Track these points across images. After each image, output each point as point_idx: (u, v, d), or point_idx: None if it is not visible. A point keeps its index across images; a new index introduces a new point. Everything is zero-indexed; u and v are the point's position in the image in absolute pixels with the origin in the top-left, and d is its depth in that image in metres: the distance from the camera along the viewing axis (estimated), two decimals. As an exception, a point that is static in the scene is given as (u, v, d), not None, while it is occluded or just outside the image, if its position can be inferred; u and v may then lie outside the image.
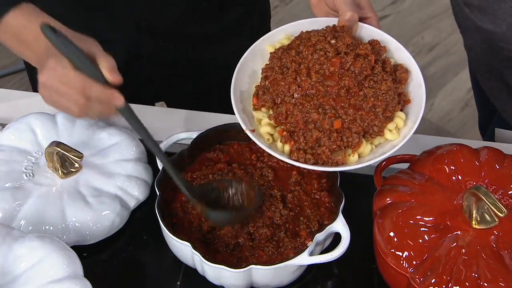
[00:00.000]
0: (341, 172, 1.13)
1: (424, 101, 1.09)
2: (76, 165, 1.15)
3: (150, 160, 1.21)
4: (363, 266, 1.13)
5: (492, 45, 1.26)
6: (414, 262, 0.99)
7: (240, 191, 1.10)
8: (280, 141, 1.08)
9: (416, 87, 1.11)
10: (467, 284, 0.96)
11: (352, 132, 1.05)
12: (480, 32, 1.26)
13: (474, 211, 1.00)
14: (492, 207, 0.97)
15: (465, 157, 1.08)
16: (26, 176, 1.15)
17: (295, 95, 1.07)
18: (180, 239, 1.05)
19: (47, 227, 1.10)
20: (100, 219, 1.12)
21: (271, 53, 1.14)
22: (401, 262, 1.00)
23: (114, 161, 1.18)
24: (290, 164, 1.06)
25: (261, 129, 1.10)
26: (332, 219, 1.08)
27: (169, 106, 1.61)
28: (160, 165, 1.15)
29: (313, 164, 1.05)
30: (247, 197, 1.10)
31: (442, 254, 0.98)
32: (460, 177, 1.07)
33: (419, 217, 1.02)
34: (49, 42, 1.01)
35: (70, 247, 1.03)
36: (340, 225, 1.06)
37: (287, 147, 1.07)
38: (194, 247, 1.04)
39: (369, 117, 1.06)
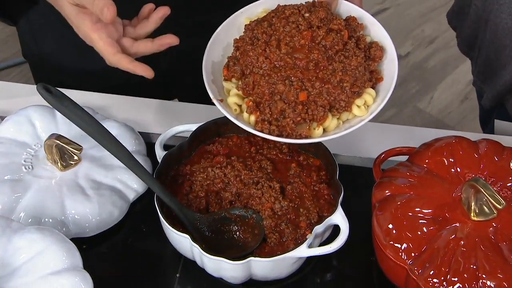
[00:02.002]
0: (340, 164, 1.13)
1: (395, 79, 1.08)
2: (75, 157, 1.15)
3: (149, 152, 1.22)
4: (362, 258, 1.13)
5: None
6: (413, 254, 1.00)
7: (243, 229, 1.10)
8: (246, 112, 1.08)
9: (390, 65, 1.11)
10: (465, 275, 0.96)
11: (318, 105, 1.05)
12: None
13: (472, 203, 1.00)
14: (491, 199, 0.97)
15: (464, 149, 1.08)
16: (25, 168, 1.15)
17: (263, 66, 1.07)
18: (179, 231, 1.05)
19: (46, 220, 1.10)
20: (100, 211, 1.12)
21: (245, 25, 1.14)
22: (400, 254, 1.00)
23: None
24: (256, 135, 1.06)
25: (229, 99, 1.10)
26: (331, 211, 1.08)
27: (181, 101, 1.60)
28: (159, 157, 1.15)
29: (277, 135, 1.05)
30: (251, 234, 1.10)
31: (440, 246, 0.99)
32: (459, 169, 1.07)
33: (418, 209, 1.03)
34: None
35: (70, 239, 1.03)
36: (339, 218, 1.06)
37: (252, 118, 1.07)
38: (194, 239, 1.04)
39: (335, 91, 1.05)
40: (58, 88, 1.06)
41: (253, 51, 1.08)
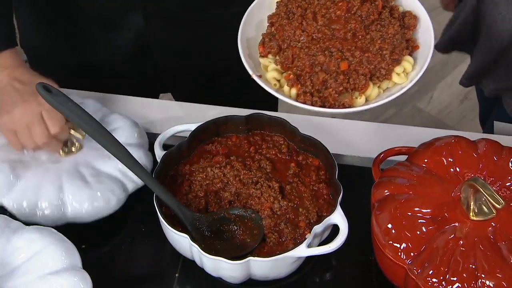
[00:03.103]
0: (339, 164, 1.13)
1: (432, 46, 1.11)
2: (77, 144, 1.17)
3: (151, 148, 1.21)
4: (361, 258, 1.13)
5: None
6: (412, 254, 1.00)
7: (242, 229, 1.10)
8: (287, 85, 1.08)
9: (425, 33, 1.13)
10: (464, 275, 0.96)
11: (359, 74, 1.07)
12: None
13: (471, 203, 1.00)
14: (490, 199, 0.97)
15: (463, 149, 1.08)
16: (27, 151, 1.16)
17: (301, 39, 1.08)
18: (179, 231, 1.05)
19: (43, 203, 1.11)
20: (97, 198, 1.12)
21: (277, 1, 1.16)
22: (399, 253, 1.00)
23: None
24: (298, 107, 1.07)
25: (268, 75, 1.11)
26: (330, 211, 1.08)
27: (175, 97, 1.60)
28: (158, 157, 1.15)
29: (320, 106, 1.06)
30: (250, 234, 1.10)
31: (439, 245, 0.99)
32: (458, 169, 1.07)
33: (417, 209, 1.03)
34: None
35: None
36: (338, 217, 1.06)
37: (293, 91, 1.08)
38: (193, 239, 1.04)
39: (376, 59, 1.07)
40: (57, 88, 1.06)
41: (289, 25, 1.10)
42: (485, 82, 1.40)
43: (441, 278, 0.97)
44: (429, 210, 1.02)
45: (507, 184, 1.05)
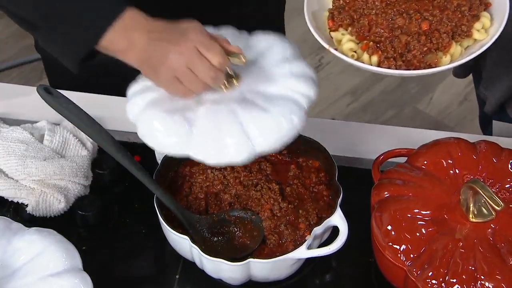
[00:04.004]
0: (339, 166, 1.13)
1: (508, 1, 1.10)
2: (236, 74, 1.07)
3: (148, 155, 1.20)
4: (361, 259, 1.14)
5: None
6: (412, 255, 1.00)
7: (242, 231, 1.10)
8: (367, 53, 1.08)
9: None
10: (464, 277, 0.96)
11: (441, 33, 1.06)
12: None
13: (471, 205, 1.00)
14: (489, 201, 0.97)
15: (462, 151, 1.09)
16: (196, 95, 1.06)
17: (376, 6, 1.08)
18: (179, 232, 1.05)
19: (228, 141, 1.02)
20: (280, 121, 1.03)
21: None
22: (399, 255, 1.01)
23: (274, 63, 1.10)
24: (382, 73, 1.07)
25: (344, 47, 1.10)
26: (330, 212, 1.08)
27: None
28: (159, 160, 1.15)
29: (405, 70, 1.06)
30: (250, 236, 1.10)
31: (439, 247, 0.99)
32: (457, 171, 1.07)
33: (417, 210, 1.03)
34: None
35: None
36: (338, 219, 1.06)
37: (375, 58, 1.07)
38: (193, 241, 1.04)
39: (456, 17, 1.07)
40: (58, 90, 1.06)
41: None
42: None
43: (441, 279, 0.97)
44: (428, 212, 1.03)
45: (506, 186, 1.05)
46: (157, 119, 1.03)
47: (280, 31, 1.51)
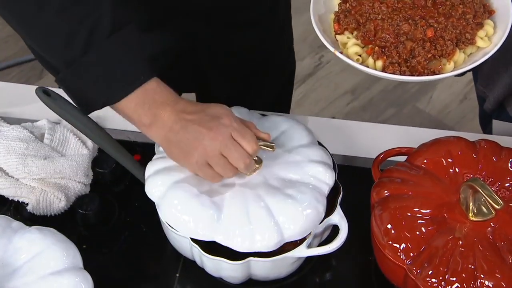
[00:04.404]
0: (339, 164, 1.13)
1: (511, 8, 1.11)
2: (257, 159, 1.06)
3: (148, 152, 1.21)
4: (361, 258, 1.14)
5: None
6: (411, 254, 1.00)
7: None
8: (372, 58, 1.09)
9: None
10: (463, 275, 0.96)
11: (446, 40, 1.07)
12: None
13: (471, 203, 1.00)
14: (489, 199, 0.98)
15: (462, 150, 1.09)
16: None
17: (381, 11, 1.09)
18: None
19: (255, 229, 1.01)
20: (306, 209, 1.03)
21: None
22: (399, 254, 1.01)
23: (293, 149, 1.11)
24: (386, 78, 1.08)
25: (349, 50, 1.11)
26: (330, 211, 1.08)
27: (200, 98, 1.57)
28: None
29: (409, 75, 1.07)
30: None
31: (439, 246, 0.99)
32: (457, 170, 1.07)
33: (417, 209, 1.03)
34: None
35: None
36: (338, 218, 1.06)
37: (379, 63, 1.08)
38: (193, 240, 1.05)
39: (460, 24, 1.08)
40: (56, 91, 1.06)
41: None
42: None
43: (440, 278, 0.97)
44: (428, 211, 1.03)
45: (506, 184, 1.06)
46: (182, 202, 1.03)
47: (287, 27, 1.52)
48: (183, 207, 1.02)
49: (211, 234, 1.02)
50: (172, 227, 1.05)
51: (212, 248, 1.06)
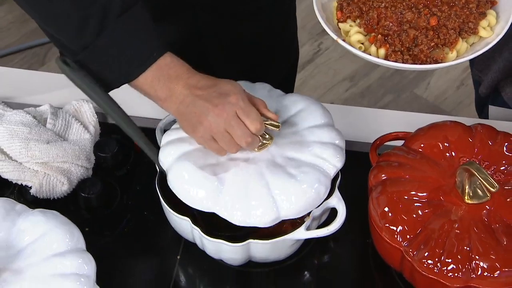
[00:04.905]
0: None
1: None
2: (268, 136, 1.08)
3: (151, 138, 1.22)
4: (358, 240, 1.15)
5: None
6: (408, 236, 1.01)
7: None
8: (375, 46, 1.09)
9: None
10: (459, 257, 0.98)
11: (449, 29, 1.08)
12: None
13: (466, 187, 1.01)
14: (485, 183, 0.99)
15: (458, 134, 1.10)
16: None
17: None
18: (180, 214, 1.07)
19: (253, 203, 1.03)
20: (307, 190, 1.05)
21: None
22: (395, 236, 1.02)
23: (306, 129, 1.12)
24: (389, 66, 1.08)
25: (352, 38, 1.11)
26: (329, 194, 1.09)
27: None
28: (160, 143, 1.16)
29: (411, 64, 1.08)
30: None
31: (435, 228, 1.00)
32: (453, 154, 1.08)
33: (413, 192, 1.04)
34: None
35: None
36: (336, 201, 1.08)
37: (382, 51, 1.09)
38: (194, 222, 1.06)
39: (464, 13, 1.09)
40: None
41: None
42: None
43: (436, 259, 0.98)
44: (425, 194, 1.04)
45: (501, 168, 1.07)
46: (188, 172, 1.06)
47: (292, 15, 1.52)
48: (188, 178, 1.05)
49: (212, 206, 1.04)
50: (173, 211, 1.06)
51: (213, 230, 1.07)
